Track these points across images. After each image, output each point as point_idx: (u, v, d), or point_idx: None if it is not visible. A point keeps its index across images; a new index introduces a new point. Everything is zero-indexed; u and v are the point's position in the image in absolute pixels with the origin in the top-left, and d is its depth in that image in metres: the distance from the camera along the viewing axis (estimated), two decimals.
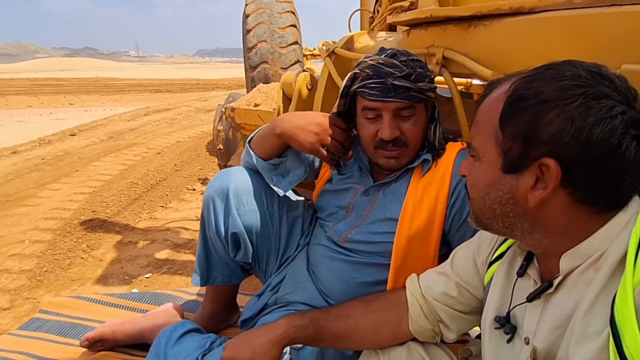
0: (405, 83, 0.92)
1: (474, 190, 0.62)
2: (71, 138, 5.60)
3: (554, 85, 0.52)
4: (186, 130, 6.20)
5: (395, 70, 0.92)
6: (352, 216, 1.08)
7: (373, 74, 0.94)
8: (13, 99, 11.24)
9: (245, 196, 1.13)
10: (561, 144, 0.51)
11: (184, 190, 3.27)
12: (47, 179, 3.54)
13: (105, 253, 2.14)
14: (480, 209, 0.62)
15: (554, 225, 0.56)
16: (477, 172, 0.61)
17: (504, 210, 0.58)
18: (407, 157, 1.00)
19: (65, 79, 21.37)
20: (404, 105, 0.94)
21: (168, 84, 17.80)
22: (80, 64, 70.84)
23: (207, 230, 1.17)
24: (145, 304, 1.55)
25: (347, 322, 0.83)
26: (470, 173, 0.63)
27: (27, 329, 1.43)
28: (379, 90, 0.93)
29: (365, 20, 3.15)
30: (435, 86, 0.97)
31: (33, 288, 1.80)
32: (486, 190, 0.59)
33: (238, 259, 1.18)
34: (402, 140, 0.97)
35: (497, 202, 0.58)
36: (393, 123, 0.95)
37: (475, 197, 0.62)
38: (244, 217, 1.12)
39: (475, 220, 0.65)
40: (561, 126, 0.50)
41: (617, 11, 0.77)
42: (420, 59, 0.98)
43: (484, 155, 0.59)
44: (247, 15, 3.61)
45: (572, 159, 0.51)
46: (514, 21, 0.92)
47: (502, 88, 0.58)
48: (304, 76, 1.50)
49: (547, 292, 0.58)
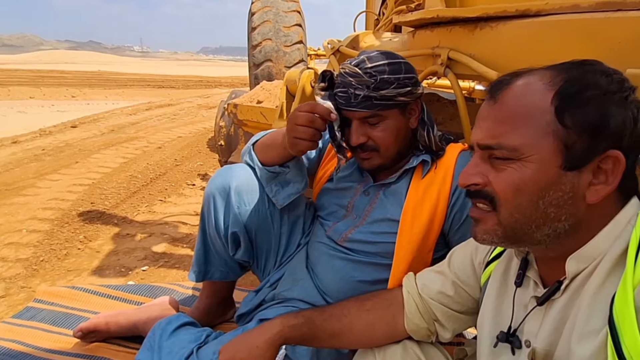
0: (366, 92, 0.92)
1: (519, 196, 0.53)
2: (72, 130, 5.59)
3: (606, 78, 0.51)
4: (187, 126, 6.19)
5: (355, 80, 0.93)
6: (351, 215, 1.08)
7: (340, 83, 0.96)
8: (15, 90, 11.24)
9: (247, 195, 1.12)
10: (623, 135, 0.50)
11: (183, 185, 3.26)
12: (47, 170, 3.54)
13: (103, 245, 2.13)
14: (529, 217, 0.53)
15: (596, 222, 0.53)
16: (522, 175, 0.52)
17: (559, 213, 0.53)
18: (379, 158, 1.00)
19: (69, 71, 21.39)
20: (367, 113, 0.95)
21: (171, 80, 17.81)
22: (84, 57, 70.90)
23: (207, 226, 1.16)
24: (140, 296, 1.55)
25: (342, 321, 0.83)
26: (504, 178, 0.54)
27: (21, 317, 1.42)
28: (344, 99, 0.95)
29: (370, 22, 3.16)
30: (409, 90, 0.94)
31: (29, 277, 1.79)
32: (541, 193, 0.52)
33: (237, 257, 1.18)
34: (371, 146, 0.98)
35: (554, 204, 0.52)
36: (360, 130, 0.97)
37: (520, 204, 0.53)
38: (244, 216, 1.12)
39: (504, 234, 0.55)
40: (624, 118, 0.50)
41: (623, 16, 0.78)
42: (400, 62, 0.95)
43: (534, 154, 0.52)
44: (253, 13, 3.61)
45: (629, 150, 0.51)
46: (521, 24, 0.93)
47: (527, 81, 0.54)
48: (308, 73, 1.50)
49: (554, 297, 0.57)
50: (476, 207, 0.58)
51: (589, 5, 0.83)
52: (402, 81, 0.93)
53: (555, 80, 0.52)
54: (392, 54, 0.97)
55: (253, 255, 1.19)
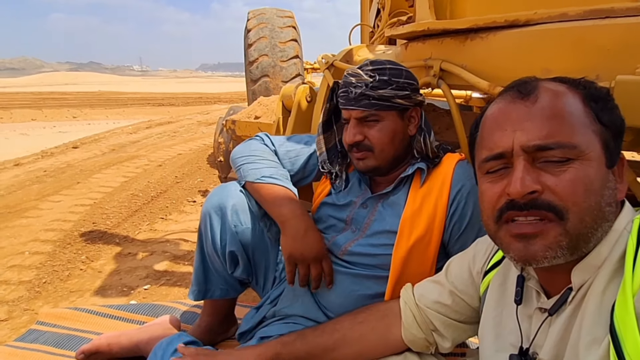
0: (365, 91, 0.95)
1: (589, 197, 0.49)
2: (73, 150, 5.62)
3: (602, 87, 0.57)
4: (187, 143, 6.23)
5: (355, 79, 0.97)
6: (351, 228, 1.07)
7: (343, 83, 1.01)
8: (17, 113, 11.35)
9: (243, 215, 1.12)
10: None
11: (184, 202, 3.27)
12: (49, 191, 3.55)
13: (105, 264, 2.13)
14: (594, 219, 0.50)
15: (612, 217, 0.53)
16: (588, 174, 0.50)
17: (611, 211, 0.51)
18: (373, 160, 1.01)
19: (70, 92, 21.61)
20: (364, 112, 0.98)
21: (171, 98, 17.97)
22: (85, 78, 71.70)
23: (205, 245, 1.17)
24: (143, 315, 1.54)
25: (334, 335, 0.83)
26: (570, 180, 0.49)
27: (24, 340, 1.41)
28: (344, 98, 1.00)
29: (365, 35, 3.20)
30: (407, 93, 0.98)
31: (31, 299, 1.79)
32: (602, 191, 0.50)
33: (236, 275, 1.18)
34: (366, 145, 1.00)
35: (608, 203, 0.51)
36: (356, 128, 1.00)
37: (591, 206, 0.50)
38: (242, 235, 1.12)
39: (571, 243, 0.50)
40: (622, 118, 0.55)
41: (611, 23, 0.79)
42: (401, 68, 1.00)
43: (590, 151, 0.50)
44: (249, 29, 3.67)
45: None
46: (510, 34, 0.94)
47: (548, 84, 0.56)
48: (304, 88, 1.52)
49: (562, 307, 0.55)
50: (528, 221, 0.51)
51: (577, 13, 0.84)
52: (401, 84, 0.97)
53: (571, 86, 0.55)
54: (395, 62, 1.02)
55: (252, 272, 1.18)
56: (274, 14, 3.84)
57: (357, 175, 1.11)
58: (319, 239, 1.04)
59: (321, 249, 1.03)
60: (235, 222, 1.11)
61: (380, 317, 0.83)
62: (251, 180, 1.10)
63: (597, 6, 0.81)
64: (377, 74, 0.96)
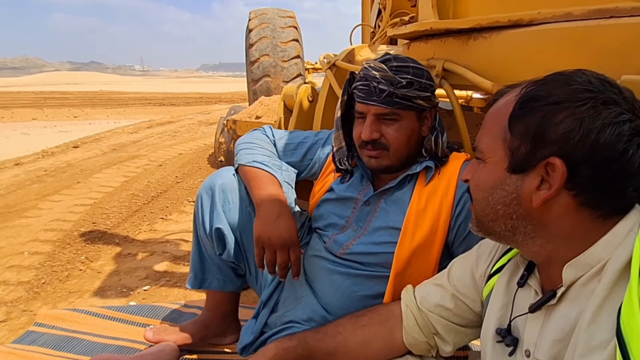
0: (388, 87, 0.92)
1: (477, 191, 0.62)
2: (74, 150, 5.62)
3: (565, 88, 0.53)
4: (188, 143, 6.22)
5: (379, 74, 0.93)
6: (352, 227, 1.06)
7: (363, 76, 0.97)
8: (18, 112, 11.36)
9: (231, 194, 1.14)
10: (569, 144, 0.51)
11: (184, 202, 3.26)
12: (49, 191, 3.54)
13: (104, 265, 2.12)
14: (484, 210, 0.61)
15: (557, 228, 0.55)
16: (482, 173, 0.61)
17: (508, 211, 0.58)
18: (387, 159, 0.99)
19: (71, 92, 21.63)
20: (385, 110, 0.95)
21: (172, 98, 17.98)
22: (86, 78, 71.81)
23: (198, 228, 1.18)
24: (141, 317, 1.53)
25: (336, 339, 0.82)
26: (474, 175, 0.63)
27: (22, 342, 1.40)
28: (364, 92, 0.96)
29: (366, 35, 3.19)
30: (428, 95, 0.97)
31: (30, 300, 1.78)
32: (490, 190, 0.59)
33: (224, 257, 1.17)
34: (382, 143, 0.98)
35: (500, 202, 0.58)
36: (374, 125, 0.97)
37: (478, 198, 0.62)
38: (228, 214, 1.13)
39: (477, 224, 0.64)
40: (570, 127, 0.51)
41: (616, 23, 0.78)
42: (422, 68, 0.97)
43: (490, 156, 0.59)
44: (250, 29, 3.67)
45: (579, 160, 0.51)
46: (513, 33, 0.93)
47: (512, 93, 0.59)
48: (305, 88, 1.51)
49: (550, 304, 0.57)
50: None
51: (581, 13, 0.84)
52: (424, 85, 0.95)
53: (521, 92, 0.57)
54: (416, 60, 0.99)
55: (243, 258, 1.18)
56: (275, 14, 3.83)
57: (360, 170, 1.08)
58: (290, 226, 1.00)
59: (290, 236, 0.99)
60: (223, 201, 1.13)
61: (383, 320, 0.83)
62: (242, 163, 1.13)
63: (601, 6, 0.80)
64: (402, 72, 0.93)
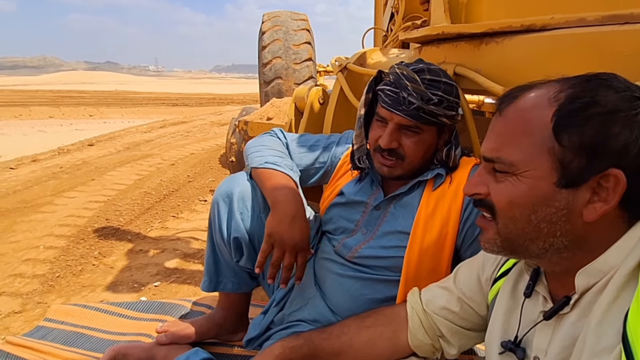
0: (418, 102, 0.92)
1: (512, 209, 0.55)
2: (89, 148, 5.73)
3: (614, 95, 0.50)
4: (200, 143, 6.29)
5: (411, 86, 0.92)
6: (361, 230, 1.07)
7: (393, 82, 0.96)
8: (36, 110, 11.61)
9: (250, 202, 1.13)
10: (628, 155, 0.49)
11: (195, 201, 3.30)
12: (64, 187, 3.62)
13: (116, 261, 2.16)
14: (523, 229, 0.55)
15: (596, 240, 0.53)
16: (518, 189, 0.54)
17: (553, 228, 0.53)
18: (401, 169, 0.99)
19: (87, 91, 22.04)
20: (410, 122, 0.94)
21: (185, 98, 18.18)
22: (102, 78, 73.02)
23: (214, 233, 1.18)
24: (151, 314, 1.55)
25: (341, 339, 0.82)
26: (501, 192, 0.55)
27: (32, 336, 1.41)
28: (391, 99, 0.95)
29: (378, 39, 3.20)
30: (453, 114, 0.96)
31: (45, 293, 1.82)
32: (533, 208, 0.53)
33: (241, 264, 1.18)
34: (399, 153, 0.98)
35: (547, 220, 0.53)
36: (394, 134, 0.96)
37: (515, 217, 0.55)
38: (247, 223, 1.12)
39: (503, 244, 0.57)
40: (629, 137, 0.49)
41: (630, 29, 0.77)
42: (453, 84, 0.96)
43: (529, 170, 0.53)
44: (264, 32, 3.70)
45: (634, 171, 0.49)
46: (526, 38, 0.93)
47: (537, 98, 0.54)
48: (316, 90, 1.52)
49: (562, 312, 0.56)
50: (482, 216, 0.60)
51: (595, 19, 0.83)
52: (451, 103, 0.95)
53: (559, 96, 0.52)
54: (448, 74, 0.98)
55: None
56: (288, 16, 3.86)
57: (370, 174, 1.09)
58: (304, 229, 1.00)
59: (302, 239, 0.99)
60: (241, 209, 1.12)
61: (388, 322, 0.83)
62: (255, 165, 1.11)
63: (616, 12, 0.80)
64: (434, 87, 0.92)
